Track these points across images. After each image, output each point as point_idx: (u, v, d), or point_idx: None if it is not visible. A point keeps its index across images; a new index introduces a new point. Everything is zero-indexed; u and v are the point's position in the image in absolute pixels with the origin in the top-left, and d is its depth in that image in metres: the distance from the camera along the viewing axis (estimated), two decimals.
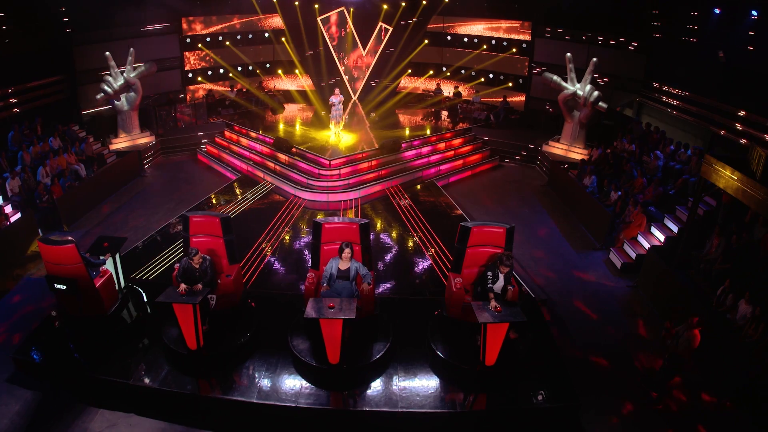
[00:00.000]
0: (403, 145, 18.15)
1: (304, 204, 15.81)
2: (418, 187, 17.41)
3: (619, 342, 10.29)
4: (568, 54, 18.44)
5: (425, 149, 18.82)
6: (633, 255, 13.01)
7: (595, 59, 17.81)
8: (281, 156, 17.83)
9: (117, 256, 9.84)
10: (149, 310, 9.88)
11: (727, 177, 10.03)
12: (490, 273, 8.44)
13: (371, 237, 9.30)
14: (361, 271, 8.31)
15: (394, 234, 14.19)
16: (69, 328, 8.84)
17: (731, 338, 9.36)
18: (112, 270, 9.57)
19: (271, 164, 17.84)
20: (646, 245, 13.03)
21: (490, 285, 8.35)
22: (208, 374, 8.26)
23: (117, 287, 9.77)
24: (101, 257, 9.25)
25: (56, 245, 8.23)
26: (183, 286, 8.05)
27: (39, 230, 13.58)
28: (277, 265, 12.47)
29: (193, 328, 7.92)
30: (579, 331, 10.48)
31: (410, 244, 13.65)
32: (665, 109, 18.83)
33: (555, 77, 18.68)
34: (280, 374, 8.34)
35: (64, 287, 8.31)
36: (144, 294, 10.23)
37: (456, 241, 8.98)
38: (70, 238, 8.72)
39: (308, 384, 8.11)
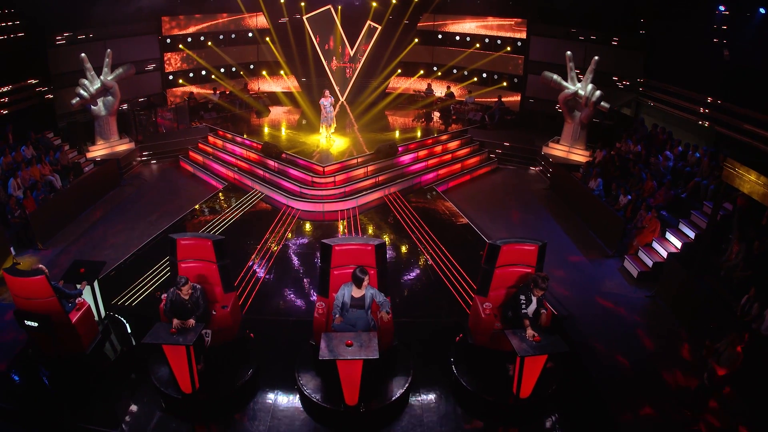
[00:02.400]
0: (399, 148, 17.22)
1: (298, 215, 14.79)
2: (418, 193, 16.52)
3: (645, 358, 9.59)
4: (569, 52, 17.73)
5: (422, 153, 17.93)
6: (649, 263, 12.38)
7: (596, 57, 17.15)
8: (270, 162, 16.80)
9: (95, 284, 8.76)
10: (134, 343, 8.83)
11: (752, 182, 9.44)
12: (523, 297, 7.61)
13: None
14: (377, 299, 7.37)
15: (398, 247, 13.28)
16: (45, 368, 7.76)
17: (763, 352, 8.67)
18: (90, 300, 8.52)
19: (259, 171, 16.81)
20: (663, 252, 12.41)
21: (524, 310, 7.51)
22: (206, 420, 7.27)
23: (97, 317, 8.73)
24: (77, 286, 8.19)
25: (24, 277, 7.16)
26: (175, 321, 7.04)
27: (11, 249, 12.44)
28: (273, 285, 11.48)
29: (187, 371, 6.92)
30: (603, 348, 9.78)
31: (417, 258, 12.74)
32: (666, 108, 18.23)
33: (555, 76, 17.95)
34: (290, 418, 7.36)
35: (35, 324, 7.26)
36: (127, 325, 9.15)
37: (483, 261, 8.13)
38: (40, 266, 7.64)
39: (323, 428, 7.17)
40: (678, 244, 12.54)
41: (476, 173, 18.28)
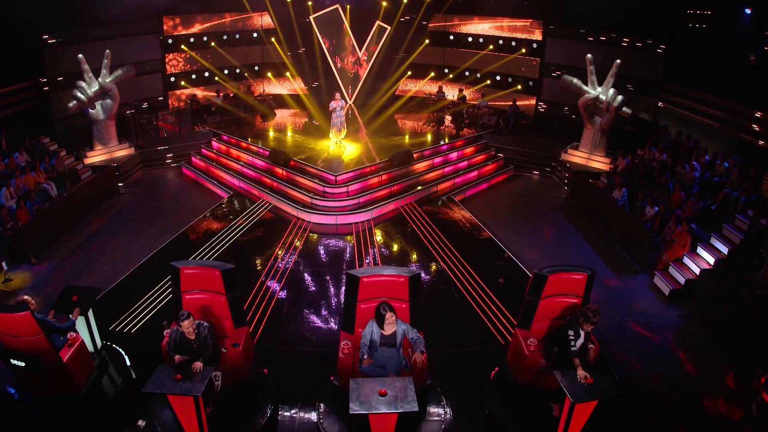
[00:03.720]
0: (414, 155, 16.39)
1: (309, 227, 13.90)
2: (435, 203, 15.63)
3: (684, 384, 8.93)
4: (589, 55, 16.92)
5: (437, 160, 17.08)
6: (681, 280, 11.66)
7: (618, 61, 16.37)
8: (278, 170, 15.95)
9: (90, 313, 7.89)
10: (134, 376, 7.97)
11: None
12: (571, 332, 6.80)
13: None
14: (410, 335, 6.53)
15: (418, 263, 12.44)
16: (35, 410, 6.91)
17: None
18: (84, 330, 7.67)
19: (267, 180, 15.96)
20: (695, 269, 11.75)
21: (574, 348, 6.69)
22: None
23: (92, 349, 7.88)
24: (70, 317, 7.32)
25: (8, 313, 6.30)
26: (177, 357, 6.18)
27: (2, 264, 11.64)
28: (286, 309, 10.55)
29: (195, 421, 6.04)
30: (639, 373, 9.15)
31: (440, 277, 11.82)
32: (688, 114, 17.54)
33: (575, 80, 17.14)
34: None
35: (23, 364, 6.40)
36: (127, 357, 8.28)
37: (527, 292, 7.32)
38: (25, 298, 6.75)
39: None
40: (710, 259, 11.87)
41: (493, 181, 17.47)
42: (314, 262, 12.41)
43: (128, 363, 8.24)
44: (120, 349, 8.51)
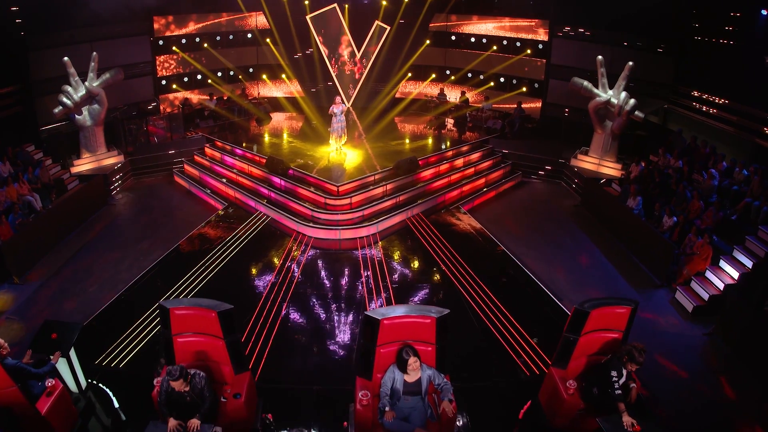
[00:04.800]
0: (420, 162, 15.63)
1: (311, 243, 13.06)
2: (443, 214, 14.81)
3: (715, 410, 8.40)
4: (600, 57, 16.24)
5: (443, 167, 16.31)
6: (705, 295, 11.07)
7: (630, 63, 15.68)
8: (276, 179, 15.12)
9: (72, 352, 7.05)
10: (123, 418, 7.15)
11: None
12: (614, 372, 6.07)
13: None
14: (436, 381, 5.77)
15: (431, 286, 11.58)
16: None
17: None
18: (66, 370, 6.83)
19: (263, 190, 15.13)
20: (718, 283, 11.18)
21: (618, 390, 5.95)
22: None
23: (76, 390, 7.05)
24: (49, 359, 6.50)
25: None
26: (171, 423, 5.36)
27: None
28: (288, 339, 9.67)
29: None
30: (671, 401, 8.47)
31: (455, 300, 10.95)
32: (700, 118, 16.91)
33: (585, 83, 16.42)
34: None
35: None
36: (114, 398, 7.45)
37: (565, 329, 6.59)
38: None
39: None
40: (734, 274, 11.27)
41: (501, 188, 16.75)
42: (318, 284, 11.54)
43: (116, 404, 7.40)
44: (107, 389, 7.66)
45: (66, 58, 15.13)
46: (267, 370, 8.67)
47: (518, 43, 20.54)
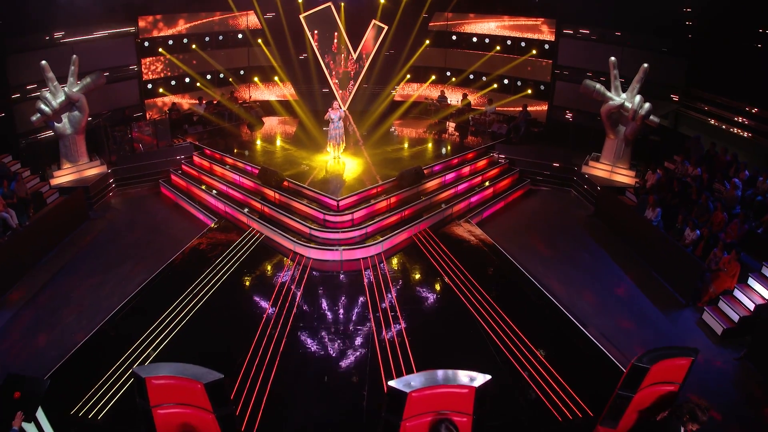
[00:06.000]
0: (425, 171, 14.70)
1: (310, 264, 11.96)
2: (452, 229, 13.76)
3: None
4: (613, 58, 15.39)
5: (449, 176, 15.35)
6: (734, 317, 10.41)
7: (645, 65, 14.83)
8: (270, 192, 14.10)
9: (39, 411, 6.02)
10: None
11: None
12: None
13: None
14: None
15: (445, 313, 10.56)
16: None
17: None
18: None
19: (256, 204, 14.08)
20: (748, 303, 10.53)
21: None
22: None
23: None
24: (13, 427, 5.48)
25: None
26: None
27: None
28: (288, 385, 8.59)
29: None
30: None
31: (472, 328, 9.96)
32: (714, 122, 16.32)
33: (598, 86, 15.56)
34: None
35: None
36: None
37: (619, 386, 5.69)
38: None
39: None
40: (765, 293, 10.62)
41: (510, 198, 15.83)
42: (319, 316, 10.39)
43: None
44: None
45: (44, 62, 14.13)
46: (264, 426, 7.59)
47: (523, 43, 19.65)
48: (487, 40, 20.40)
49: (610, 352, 9.37)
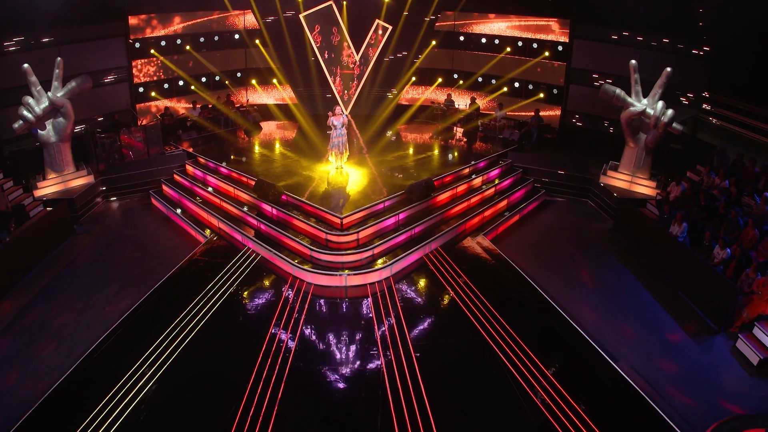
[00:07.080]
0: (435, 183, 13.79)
1: (311, 291, 10.92)
2: (466, 247, 12.77)
3: None
4: (633, 62, 14.54)
5: (461, 188, 14.41)
6: None
7: (668, 69, 13.99)
8: (267, 207, 13.14)
9: None
10: None
11: None
12: None
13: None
14: None
15: (463, 349, 9.60)
16: None
17: None
18: None
19: (252, 221, 13.11)
20: None
21: None
22: None
23: None
24: None
25: None
26: None
27: None
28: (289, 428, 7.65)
29: None
30: None
31: (495, 368, 8.99)
32: (738, 130, 15.56)
33: (618, 91, 14.71)
34: None
35: None
36: None
37: None
38: None
39: None
40: None
41: (525, 211, 14.90)
42: (322, 355, 9.35)
43: None
44: None
45: (26, 65, 13.41)
46: None
47: (535, 45, 18.72)
48: (496, 41, 19.49)
49: (642, 388, 8.57)
